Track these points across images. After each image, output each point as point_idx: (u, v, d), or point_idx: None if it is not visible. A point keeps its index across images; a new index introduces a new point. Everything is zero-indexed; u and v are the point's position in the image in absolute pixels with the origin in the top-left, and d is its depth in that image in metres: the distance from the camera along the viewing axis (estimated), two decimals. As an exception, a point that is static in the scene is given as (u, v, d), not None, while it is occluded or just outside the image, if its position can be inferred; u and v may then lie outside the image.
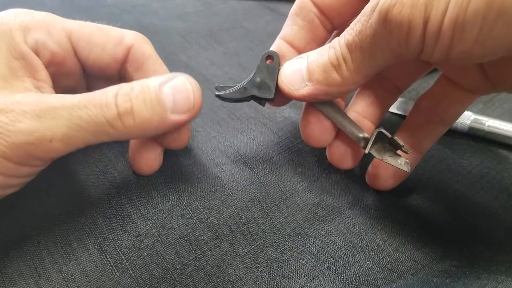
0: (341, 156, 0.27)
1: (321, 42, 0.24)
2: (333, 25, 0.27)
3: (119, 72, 0.27)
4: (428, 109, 0.27)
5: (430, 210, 0.28)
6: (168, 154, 0.28)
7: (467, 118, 0.33)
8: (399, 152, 0.25)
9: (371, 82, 0.28)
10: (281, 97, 0.26)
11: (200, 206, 0.26)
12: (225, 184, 0.27)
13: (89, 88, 0.29)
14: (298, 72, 0.24)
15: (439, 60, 0.20)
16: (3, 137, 0.19)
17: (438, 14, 0.18)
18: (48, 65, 0.24)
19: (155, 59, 0.27)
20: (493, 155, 0.32)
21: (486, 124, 0.33)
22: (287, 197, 0.27)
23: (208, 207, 0.26)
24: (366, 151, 0.24)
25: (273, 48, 0.27)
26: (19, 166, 0.21)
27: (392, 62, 0.21)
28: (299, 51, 0.26)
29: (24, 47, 0.22)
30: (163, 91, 0.23)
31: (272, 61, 0.26)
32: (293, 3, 0.27)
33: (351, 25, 0.22)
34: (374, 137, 0.25)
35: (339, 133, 0.27)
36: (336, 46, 0.23)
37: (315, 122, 0.26)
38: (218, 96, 0.26)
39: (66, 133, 0.21)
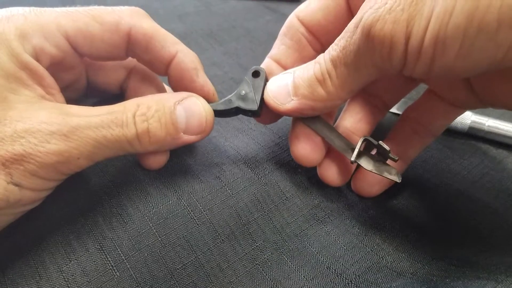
0: (332, 173, 0.27)
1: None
2: (321, 44, 0.28)
3: (125, 54, 0.26)
4: (414, 121, 0.28)
5: (430, 210, 0.28)
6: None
7: (467, 118, 0.33)
8: (388, 162, 0.25)
9: (359, 98, 0.29)
10: (268, 114, 0.27)
11: (200, 206, 0.26)
12: (225, 185, 0.27)
13: (90, 79, 0.29)
14: (284, 87, 0.24)
15: (422, 75, 0.20)
16: (34, 157, 0.20)
17: (420, 29, 0.18)
18: (49, 67, 0.24)
19: (157, 34, 0.26)
20: (493, 155, 0.32)
21: (486, 124, 0.33)
22: (287, 198, 0.27)
23: (208, 207, 0.26)
24: (352, 159, 0.24)
25: (262, 66, 0.27)
26: (47, 181, 0.22)
27: (376, 77, 0.22)
28: (285, 68, 0.27)
29: (25, 56, 0.22)
30: (177, 112, 0.24)
31: (259, 77, 0.26)
32: (293, 3, 0.28)
33: (336, 41, 0.22)
34: (360, 145, 0.25)
35: (329, 151, 0.27)
36: (321, 61, 0.23)
37: (305, 140, 0.26)
38: None
39: (92, 151, 0.22)
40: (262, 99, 0.26)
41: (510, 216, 0.28)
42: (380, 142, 0.24)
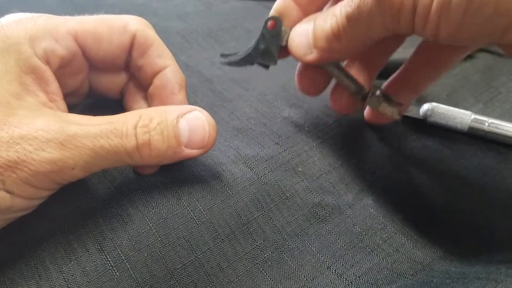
0: (344, 100, 0.29)
1: None
2: None
3: (125, 60, 0.27)
4: (426, 53, 0.29)
5: (430, 210, 0.28)
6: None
7: (467, 118, 0.33)
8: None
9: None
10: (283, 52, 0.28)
11: (200, 206, 0.26)
12: (225, 184, 0.27)
13: (92, 85, 0.29)
14: (305, 38, 0.25)
15: (430, 40, 0.21)
16: (27, 165, 0.20)
17: None
18: (57, 71, 0.24)
19: (158, 44, 0.27)
20: (493, 155, 0.32)
21: (486, 124, 0.33)
22: (287, 197, 0.27)
23: (208, 207, 0.26)
24: (361, 99, 0.27)
25: (276, 4, 0.27)
26: (40, 190, 0.22)
27: (388, 35, 0.23)
28: (301, 5, 0.27)
29: (34, 60, 0.22)
30: (179, 126, 0.24)
31: (275, 26, 0.27)
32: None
33: None
34: (370, 89, 0.27)
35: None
36: (338, 14, 0.24)
37: (311, 70, 0.28)
38: (223, 63, 0.28)
39: (88, 161, 0.21)
40: (279, 47, 0.27)
41: (510, 216, 0.28)
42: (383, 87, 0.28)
